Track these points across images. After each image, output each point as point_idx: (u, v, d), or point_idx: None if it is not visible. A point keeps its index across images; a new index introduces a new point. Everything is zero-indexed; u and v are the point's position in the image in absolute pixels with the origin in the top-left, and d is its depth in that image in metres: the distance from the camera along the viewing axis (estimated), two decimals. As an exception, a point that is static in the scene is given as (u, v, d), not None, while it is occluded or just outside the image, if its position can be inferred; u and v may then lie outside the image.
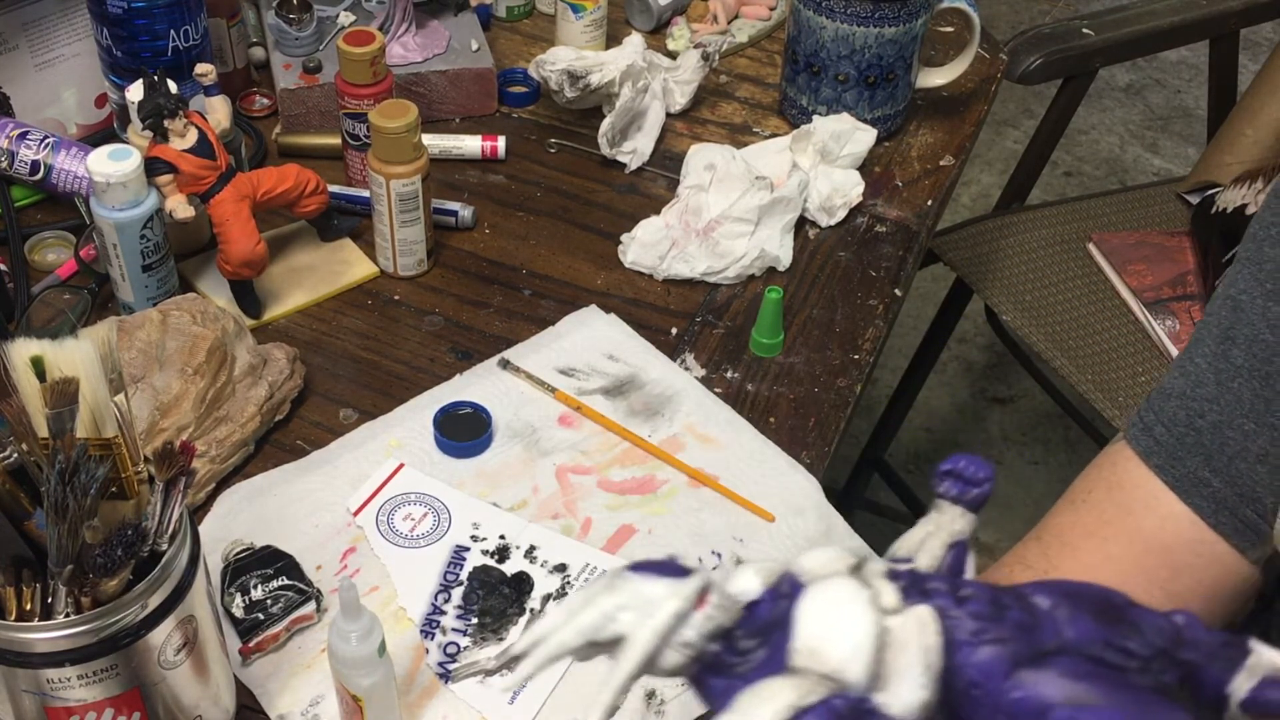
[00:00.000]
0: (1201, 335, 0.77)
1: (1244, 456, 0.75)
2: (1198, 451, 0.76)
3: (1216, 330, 0.76)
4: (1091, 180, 2.80)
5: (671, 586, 0.41)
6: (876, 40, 1.25)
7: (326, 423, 1.04)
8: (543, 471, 1.00)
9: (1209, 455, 0.76)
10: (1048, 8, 3.28)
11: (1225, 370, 0.75)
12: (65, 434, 0.68)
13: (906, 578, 0.41)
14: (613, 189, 1.28)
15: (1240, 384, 0.74)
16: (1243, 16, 1.73)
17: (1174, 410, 0.77)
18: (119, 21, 1.15)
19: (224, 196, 1.06)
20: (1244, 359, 0.74)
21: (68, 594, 0.69)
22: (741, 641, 0.41)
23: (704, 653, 0.41)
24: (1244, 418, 0.74)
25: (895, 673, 0.37)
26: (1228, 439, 0.75)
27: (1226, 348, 0.75)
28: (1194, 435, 0.76)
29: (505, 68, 1.39)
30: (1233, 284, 0.76)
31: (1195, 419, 0.76)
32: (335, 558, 0.94)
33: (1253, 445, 0.74)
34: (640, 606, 0.40)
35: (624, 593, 0.41)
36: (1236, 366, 0.75)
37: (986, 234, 1.71)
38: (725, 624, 0.41)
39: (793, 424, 1.05)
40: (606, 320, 1.12)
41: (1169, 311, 1.56)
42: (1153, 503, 0.77)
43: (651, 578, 0.41)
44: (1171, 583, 0.76)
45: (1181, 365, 0.78)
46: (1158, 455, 0.77)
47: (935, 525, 0.46)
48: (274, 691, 0.86)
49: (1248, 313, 0.74)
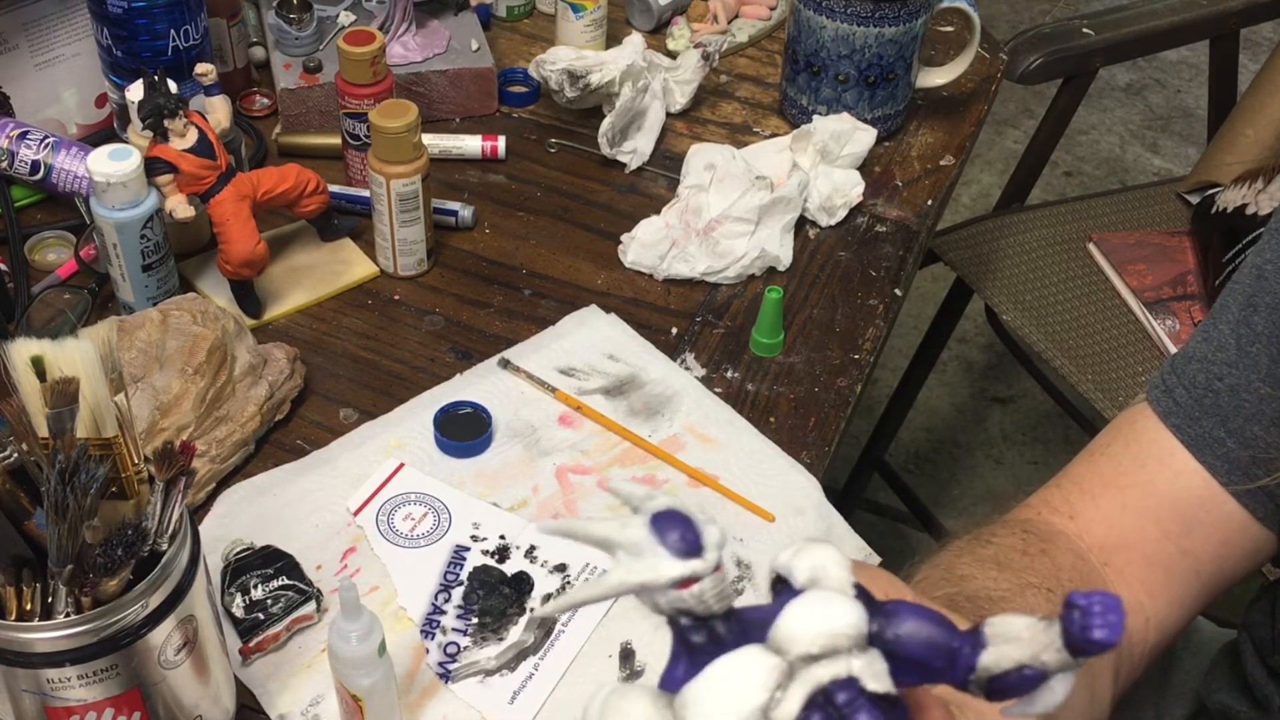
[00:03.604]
0: (1226, 302, 0.79)
1: (1258, 419, 0.76)
2: (1214, 413, 0.78)
3: (1241, 297, 0.78)
4: (1091, 180, 2.80)
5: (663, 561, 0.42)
6: (876, 40, 1.25)
7: (326, 423, 1.04)
8: (543, 471, 1.00)
9: (1224, 417, 0.77)
10: (1048, 8, 3.28)
11: (1246, 335, 0.77)
12: (65, 434, 0.68)
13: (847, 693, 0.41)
14: (613, 189, 1.28)
15: (1259, 349, 0.76)
16: (1243, 16, 1.73)
17: (1194, 373, 0.79)
18: (119, 21, 1.15)
19: (224, 196, 1.06)
20: (1264, 325, 0.76)
21: (68, 594, 0.69)
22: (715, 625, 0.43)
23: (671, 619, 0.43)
24: (1261, 381, 0.76)
25: None
26: (1244, 402, 0.77)
27: (1249, 314, 0.77)
28: (1211, 397, 0.78)
29: (505, 67, 1.39)
30: (1260, 253, 0.78)
31: (1214, 381, 0.78)
32: (335, 558, 0.94)
33: (1267, 409, 0.76)
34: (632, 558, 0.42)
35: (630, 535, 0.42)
36: (1257, 332, 0.76)
37: (986, 234, 1.71)
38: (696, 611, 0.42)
39: (793, 424, 1.05)
40: (606, 320, 1.12)
41: (1169, 311, 1.56)
42: (1167, 458, 0.79)
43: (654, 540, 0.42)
44: (1184, 538, 0.78)
45: (1205, 330, 0.80)
46: (1176, 415, 0.79)
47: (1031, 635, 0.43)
48: (274, 691, 0.86)
49: (1271, 280, 0.76)
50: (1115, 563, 0.78)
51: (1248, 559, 0.80)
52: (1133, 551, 0.79)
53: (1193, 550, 0.79)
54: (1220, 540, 0.79)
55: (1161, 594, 0.79)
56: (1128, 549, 0.79)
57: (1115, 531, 0.79)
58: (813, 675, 0.41)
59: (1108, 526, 0.79)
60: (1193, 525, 0.79)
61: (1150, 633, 0.79)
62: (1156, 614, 0.79)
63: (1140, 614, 0.78)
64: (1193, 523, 0.79)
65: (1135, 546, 0.79)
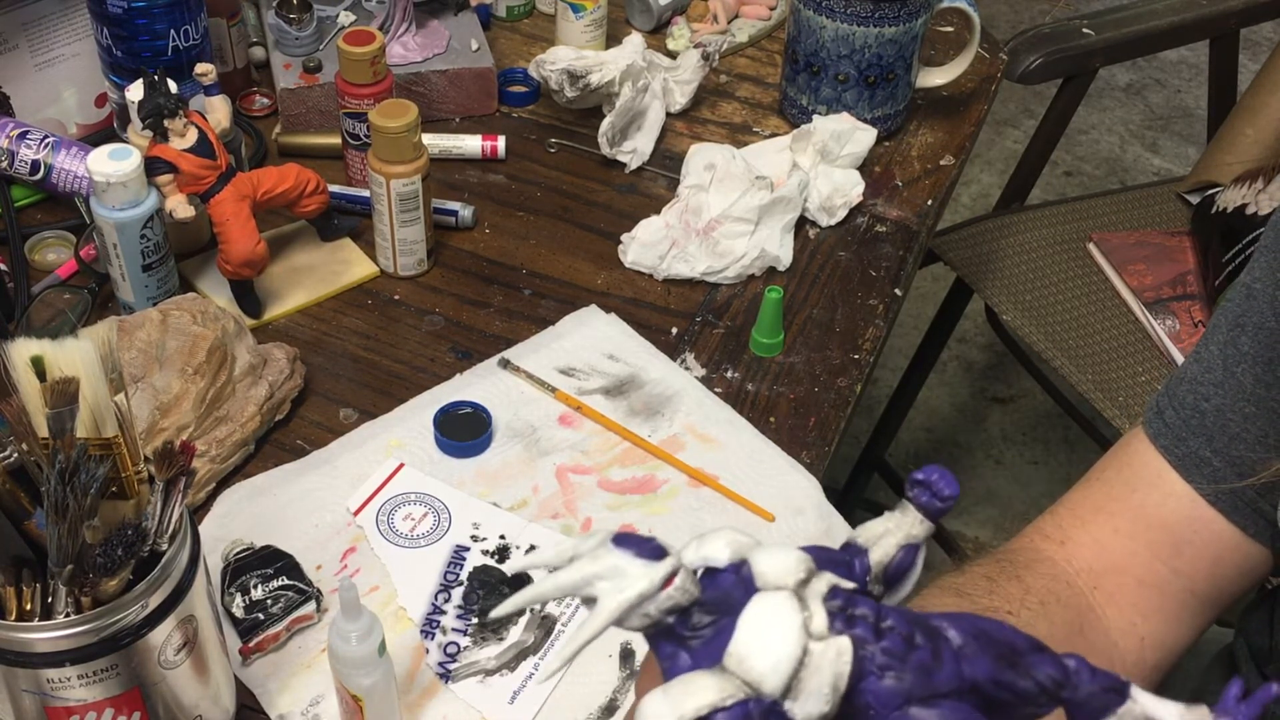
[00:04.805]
0: (1218, 321, 0.79)
1: (1243, 439, 0.76)
2: (1200, 433, 0.78)
3: (1230, 318, 0.78)
4: (1091, 180, 2.80)
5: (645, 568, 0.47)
6: (876, 40, 1.25)
7: (326, 422, 1.04)
8: (543, 471, 1.00)
9: (1210, 437, 0.77)
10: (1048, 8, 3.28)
11: (1232, 356, 0.77)
12: (65, 434, 0.68)
13: (842, 598, 0.47)
14: (613, 189, 1.28)
15: (1244, 370, 0.76)
16: (1243, 16, 1.73)
17: (1184, 394, 0.79)
18: (119, 21, 1.15)
19: (224, 196, 1.06)
20: (1250, 345, 0.76)
21: (68, 594, 0.69)
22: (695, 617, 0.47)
23: (661, 622, 0.47)
24: (1245, 401, 0.76)
25: (806, 690, 0.44)
26: (1229, 421, 0.77)
27: (1236, 334, 0.77)
28: (1198, 418, 0.78)
29: (505, 67, 1.39)
30: (1249, 271, 0.78)
31: (1201, 402, 0.78)
32: (335, 558, 0.94)
33: (1252, 428, 0.76)
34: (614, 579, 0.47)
35: (603, 564, 0.47)
36: (1243, 353, 0.76)
37: (986, 234, 1.71)
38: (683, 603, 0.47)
39: (793, 424, 1.05)
40: (606, 320, 1.12)
41: (1169, 311, 1.56)
42: (1156, 481, 0.79)
43: (629, 555, 0.47)
44: (1175, 558, 0.79)
45: (1197, 351, 0.81)
46: (1165, 437, 0.80)
47: (896, 524, 0.52)
48: (274, 691, 0.86)
49: (1259, 300, 0.76)
50: (1106, 586, 0.79)
51: (1243, 576, 0.80)
52: (1124, 575, 0.79)
53: (1185, 570, 0.79)
54: (1211, 559, 0.79)
55: (1156, 615, 0.79)
56: (1119, 572, 0.79)
57: (1106, 555, 0.79)
58: (813, 591, 0.46)
59: (1098, 550, 0.79)
60: (1183, 546, 0.79)
61: (1147, 653, 0.79)
62: (1153, 634, 0.79)
63: (1134, 635, 0.78)
64: (1183, 543, 0.79)
65: (1127, 569, 0.79)
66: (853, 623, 0.46)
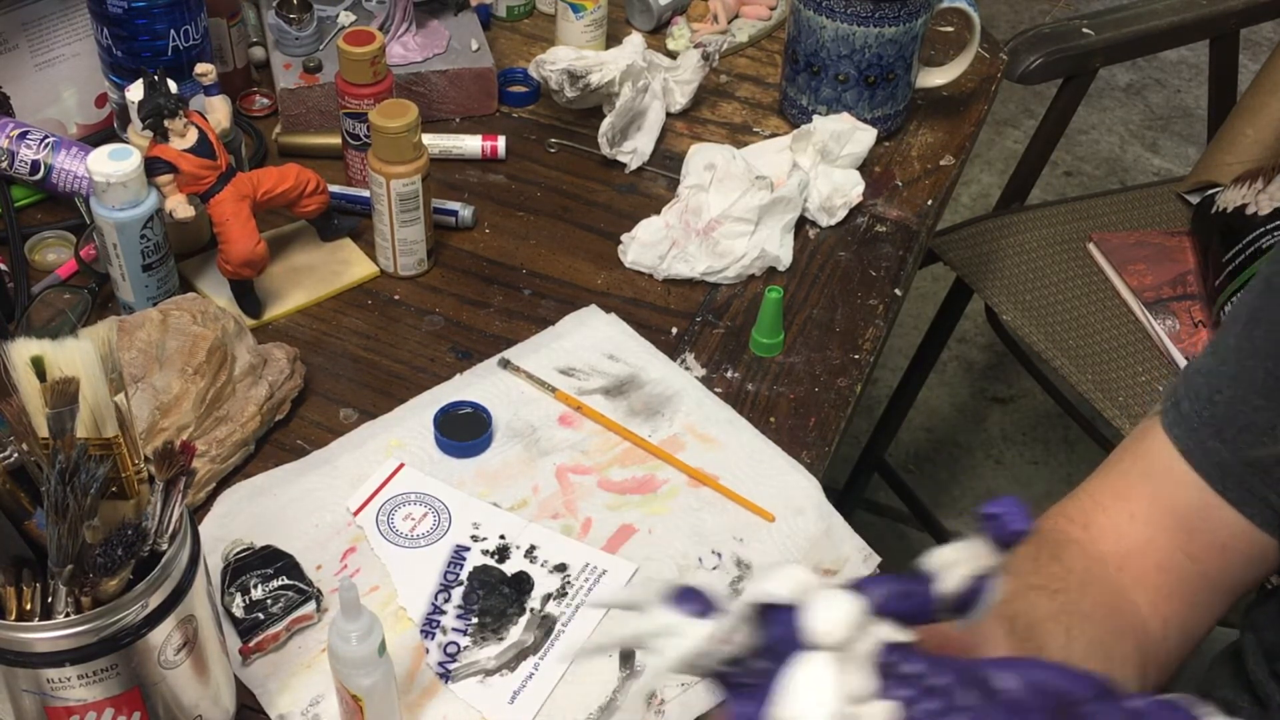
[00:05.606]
0: (1236, 313, 0.81)
1: (1252, 429, 0.77)
2: (1211, 424, 0.79)
3: (1247, 309, 0.79)
4: (1091, 180, 2.80)
5: (701, 625, 0.48)
6: (876, 40, 1.25)
7: (326, 422, 1.04)
8: (543, 471, 1.00)
9: (1219, 428, 0.79)
10: (1048, 8, 3.28)
11: (1246, 349, 0.78)
12: (65, 434, 0.68)
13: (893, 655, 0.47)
14: (613, 189, 1.28)
15: (1255, 363, 0.77)
16: (1243, 16, 1.73)
17: (1199, 386, 0.80)
18: (119, 21, 1.15)
19: (224, 196, 1.06)
20: (1264, 340, 0.77)
21: (68, 594, 0.69)
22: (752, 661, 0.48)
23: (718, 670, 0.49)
24: (1255, 394, 0.77)
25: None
26: (1238, 413, 0.78)
27: (1251, 328, 0.78)
28: (1210, 409, 0.79)
29: (505, 67, 1.39)
30: (1272, 263, 0.79)
31: (1214, 394, 0.79)
32: (335, 557, 0.94)
33: (1261, 419, 0.77)
34: (671, 636, 0.49)
35: (659, 622, 0.49)
36: (1256, 346, 0.77)
37: (986, 234, 1.71)
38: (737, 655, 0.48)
39: (793, 424, 1.05)
40: (606, 320, 1.12)
41: (1169, 311, 1.56)
42: (1168, 469, 0.81)
43: (683, 613, 0.49)
44: (1189, 544, 0.80)
45: (1214, 343, 0.82)
46: (1179, 426, 0.81)
47: (968, 554, 0.52)
48: (274, 691, 0.86)
49: (1276, 294, 0.77)
50: (1130, 569, 0.80)
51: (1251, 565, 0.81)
52: (1145, 559, 0.80)
53: (1197, 556, 0.80)
54: (1220, 547, 0.80)
55: (1176, 597, 0.80)
56: (1140, 556, 0.80)
57: (1125, 541, 0.81)
58: (859, 654, 0.47)
59: (1118, 536, 0.81)
60: (1194, 533, 0.80)
61: (1171, 633, 0.80)
62: (1174, 615, 0.80)
63: (1158, 615, 0.80)
64: (1193, 530, 0.80)
65: (1146, 555, 0.80)
66: (902, 682, 0.47)
